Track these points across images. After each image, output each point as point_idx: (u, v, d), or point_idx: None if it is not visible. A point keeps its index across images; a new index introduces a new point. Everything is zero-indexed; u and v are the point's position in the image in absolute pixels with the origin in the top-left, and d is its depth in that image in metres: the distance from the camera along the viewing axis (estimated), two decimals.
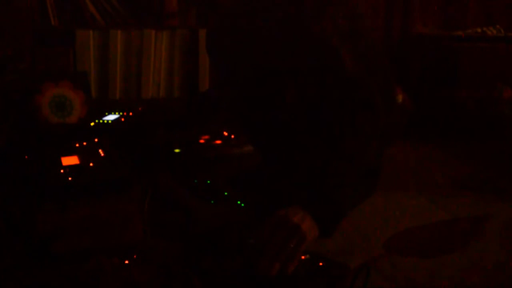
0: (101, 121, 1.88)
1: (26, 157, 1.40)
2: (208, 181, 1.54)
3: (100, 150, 1.40)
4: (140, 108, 2.03)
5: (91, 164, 1.32)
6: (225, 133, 1.83)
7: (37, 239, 1.13)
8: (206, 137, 1.81)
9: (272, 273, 0.97)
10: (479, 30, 2.71)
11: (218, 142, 1.79)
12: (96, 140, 1.50)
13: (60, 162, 1.33)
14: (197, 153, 1.72)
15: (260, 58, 1.31)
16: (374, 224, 1.41)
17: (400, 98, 1.66)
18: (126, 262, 1.08)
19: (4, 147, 1.58)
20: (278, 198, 1.11)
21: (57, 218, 1.15)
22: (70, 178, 1.24)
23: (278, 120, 1.33)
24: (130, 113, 1.96)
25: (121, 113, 1.94)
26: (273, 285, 0.98)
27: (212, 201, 1.46)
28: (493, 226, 1.43)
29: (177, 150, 1.71)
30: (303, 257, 1.04)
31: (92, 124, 1.86)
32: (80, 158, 1.35)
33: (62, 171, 1.27)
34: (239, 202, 1.43)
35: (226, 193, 1.48)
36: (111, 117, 1.91)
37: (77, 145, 1.46)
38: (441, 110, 2.51)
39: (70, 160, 1.34)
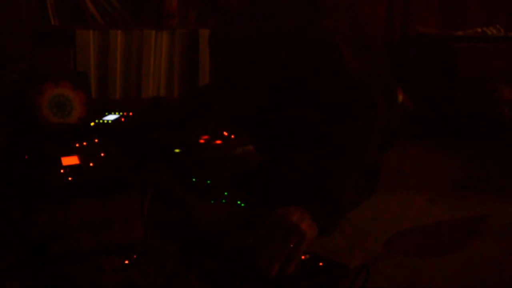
0: (101, 121, 1.88)
1: (26, 157, 1.40)
2: (208, 181, 1.53)
3: (100, 150, 1.40)
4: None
5: (91, 164, 1.32)
6: (225, 133, 1.83)
7: (37, 239, 1.13)
8: (206, 137, 1.81)
9: (272, 273, 0.97)
10: (479, 30, 2.70)
11: (218, 142, 1.79)
12: (96, 140, 1.50)
13: (60, 162, 1.33)
14: (197, 153, 1.72)
15: (262, 57, 1.31)
16: (374, 224, 1.41)
17: (400, 98, 1.66)
18: (126, 262, 1.08)
19: (4, 147, 1.58)
20: (278, 198, 1.10)
21: (57, 218, 1.15)
22: (70, 178, 1.24)
23: (279, 119, 1.33)
24: (130, 113, 1.96)
25: (121, 113, 1.94)
26: (273, 285, 0.98)
27: (212, 201, 1.46)
28: (493, 226, 1.43)
29: (177, 150, 1.71)
30: (303, 257, 1.04)
31: (92, 124, 1.86)
32: (80, 158, 1.35)
33: (62, 171, 1.27)
34: (239, 202, 1.43)
35: (226, 193, 1.48)
36: (111, 117, 1.91)
37: (77, 145, 1.45)
38: (441, 110, 2.51)
39: (70, 160, 1.34)
